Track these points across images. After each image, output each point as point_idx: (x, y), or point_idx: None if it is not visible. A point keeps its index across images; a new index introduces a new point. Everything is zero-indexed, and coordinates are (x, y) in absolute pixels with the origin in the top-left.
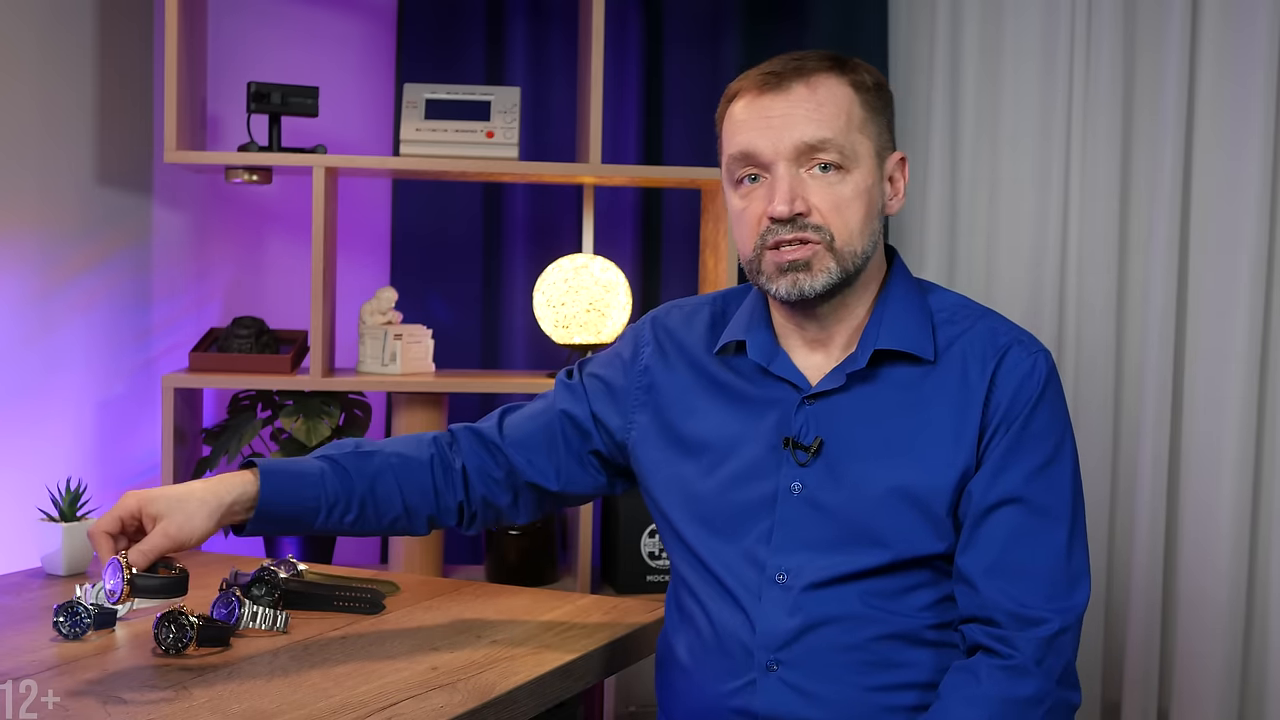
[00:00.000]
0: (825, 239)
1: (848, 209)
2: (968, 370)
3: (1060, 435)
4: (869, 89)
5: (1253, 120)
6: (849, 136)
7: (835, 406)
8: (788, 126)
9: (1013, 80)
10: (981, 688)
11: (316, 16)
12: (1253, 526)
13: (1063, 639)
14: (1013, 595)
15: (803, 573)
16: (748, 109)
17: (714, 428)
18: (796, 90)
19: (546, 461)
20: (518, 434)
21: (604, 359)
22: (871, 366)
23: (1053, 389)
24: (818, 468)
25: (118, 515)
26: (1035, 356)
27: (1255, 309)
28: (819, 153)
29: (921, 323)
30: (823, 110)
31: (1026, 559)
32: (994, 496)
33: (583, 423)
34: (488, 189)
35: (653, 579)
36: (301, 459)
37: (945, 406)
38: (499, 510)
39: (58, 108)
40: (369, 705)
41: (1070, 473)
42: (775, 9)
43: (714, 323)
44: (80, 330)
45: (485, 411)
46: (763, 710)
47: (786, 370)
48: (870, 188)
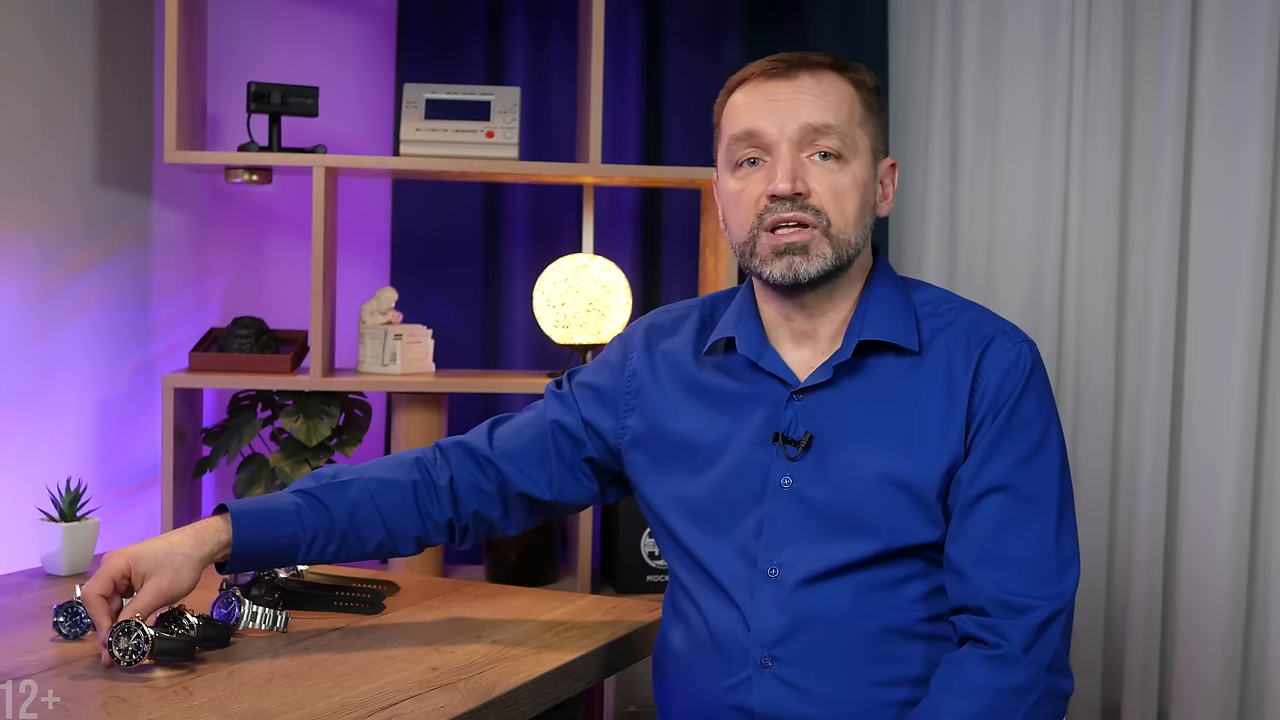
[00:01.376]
0: (822, 223)
1: (845, 197)
2: (952, 361)
3: (1046, 423)
4: (869, 90)
5: (1253, 120)
6: (851, 128)
7: (824, 400)
8: (793, 109)
9: (1012, 80)
10: (971, 678)
11: (316, 16)
12: (1252, 526)
13: (1052, 626)
14: (1001, 583)
15: (794, 567)
16: (753, 93)
17: (703, 429)
18: (803, 78)
19: (539, 472)
20: (508, 445)
21: (593, 367)
22: (858, 359)
23: (1037, 378)
24: (807, 462)
25: (109, 577)
26: (1020, 347)
27: (1255, 308)
28: (822, 138)
29: (905, 315)
30: (827, 99)
31: (1014, 547)
32: (981, 485)
33: (574, 431)
34: (488, 189)
35: (653, 579)
36: (276, 495)
37: (932, 398)
38: (490, 523)
39: (58, 108)
40: (369, 705)
41: (1057, 460)
42: (775, 9)
43: (703, 325)
44: (80, 330)
45: (485, 412)
46: (758, 707)
47: (775, 365)
48: (866, 181)
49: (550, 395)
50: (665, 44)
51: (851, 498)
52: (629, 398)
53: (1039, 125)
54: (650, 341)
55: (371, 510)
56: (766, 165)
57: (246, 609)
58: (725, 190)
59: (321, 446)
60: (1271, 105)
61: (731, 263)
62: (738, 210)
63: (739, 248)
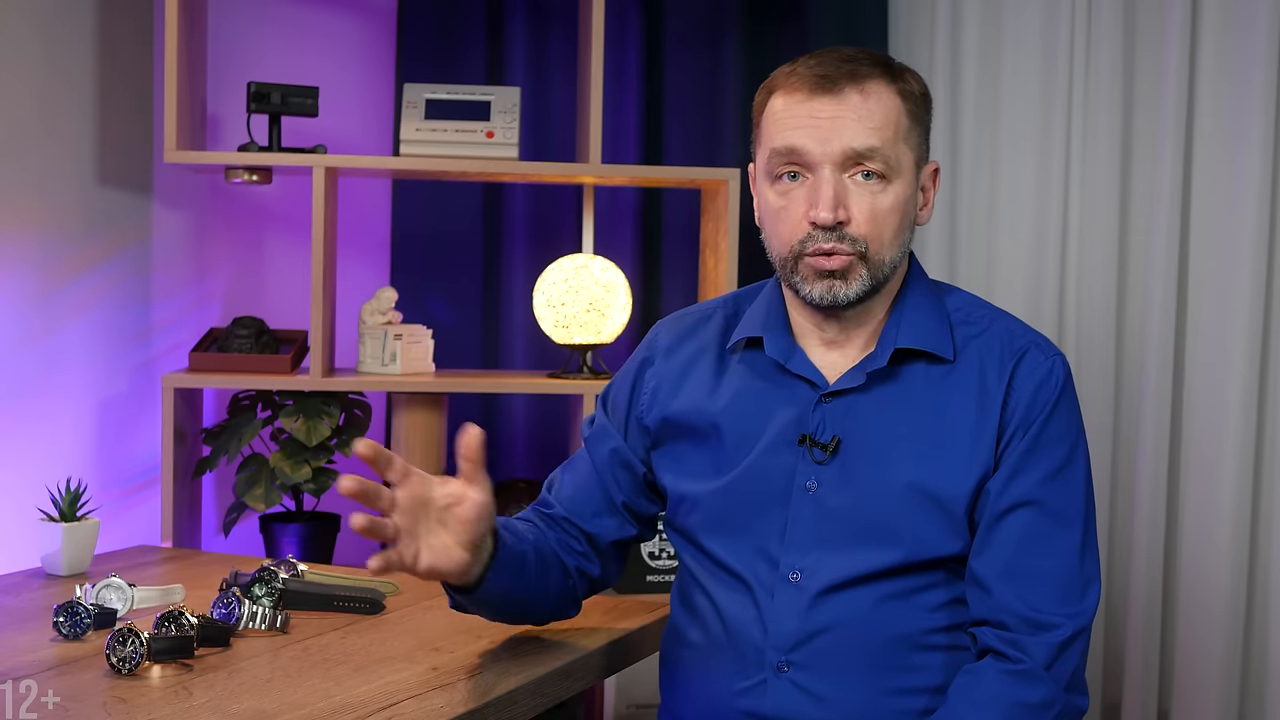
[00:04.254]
0: (860, 249)
1: (885, 220)
2: (985, 372)
3: (1075, 440)
4: (915, 98)
5: (1253, 120)
6: (895, 147)
7: (854, 405)
8: (837, 131)
9: (1012, 80)
10: (991, 691)
11: (316, 16)
12: (1253, 526)
13: (1073, 645)
14: (1025, 599)
15: (817, 573)
16: (797, 106)
17: (727, 428)
18: (849, 95)
19: (613, 518)
20: (577, 505)
21: (617, 379)
22: (890, 365)
23: (1068, 394)
24: (834, 466)
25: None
26: (1052, 360)
27: (1255, 308)
28: (865, 161)
29: (940, 322)
30: (873, 118)
31: (1040, 563)
32: (1009, 500)
33: (622, 454)
34: (488, 189)
35: (653, 579)
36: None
37: (964, 408)
38: (592, 580)
39: (58, 108)
40: (369, 705)
41: (1084, 477)
42: (775, 9)
43: (728, 324)
44: (80, 330)
45: (485, 412)
46: (772, 712)
47: (803, 368)
48: (908, 199)
49: (593, 437)
50: (665, 44)
51: (877, 505)
52: (650, 396)
53: (1039, 125)
54: (671, 345)
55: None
56: (808, 183)
57: (246, 609)
58: (765, 201)
59: (321, 446)
60: (1271, 106)
61: (732, 263)
62: (778, 226)
63: (779, 262)
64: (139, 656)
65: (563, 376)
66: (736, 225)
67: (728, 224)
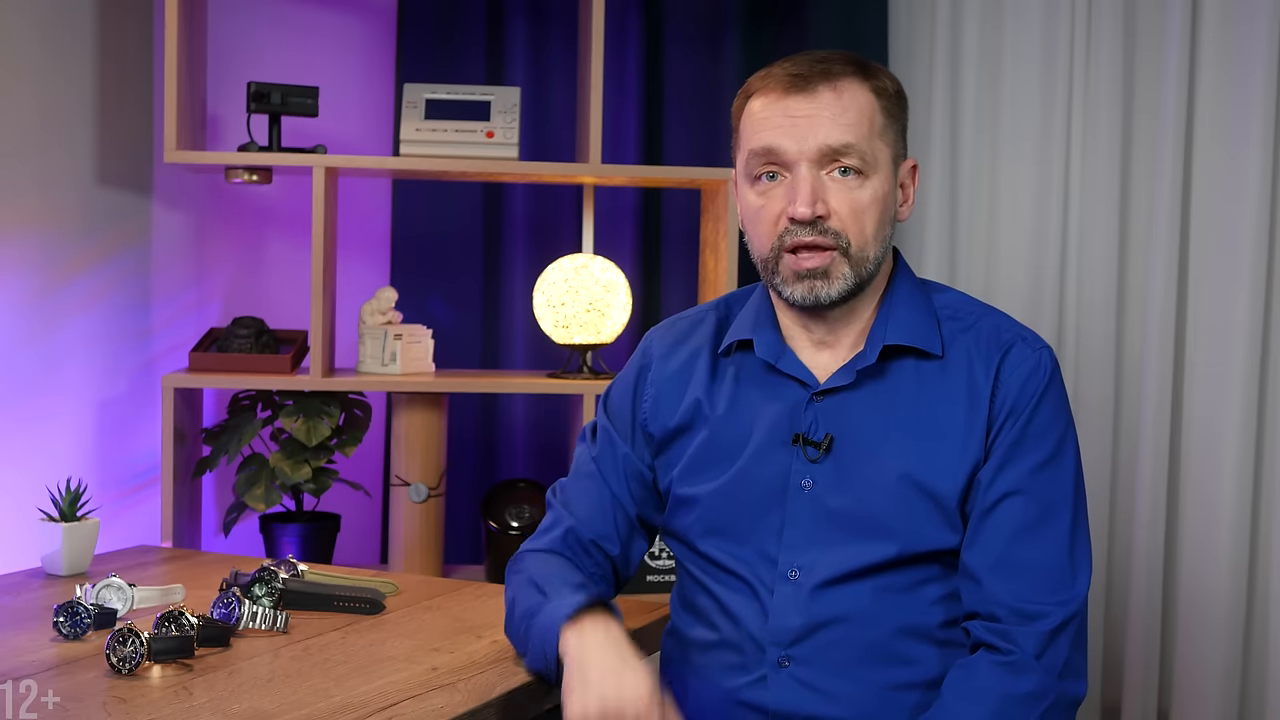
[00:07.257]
0: (842, 244)
1: (865, 215)
2: (974, 366)
3: (1063, 430)
4: (890, 96)
5: (1253, 120)
6: (870, 143)
7: (845, 403)
8: (813, 128)
9: (1012, 80)
10: (983, 683)
11: (316, 16)
12: (1253, 526)
13: (1063, 632)
14: (1014, 591)
15: (815, 569)
16: (771, 107)
17: (722, 430)
18: (822, 93)
19: (632, 539)
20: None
21: (616, 389)
22: (879, 362)
23: (1055, 385)
24: (828, 464)
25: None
26: (1039, 353)
27: (1255, 308)
28: (842, 157)
29: (927, 318)
30: (847, 115)
31: (1029, 555)
32: (998, 490)
33: (631, 462)
34: (488, 189)
35: (653, 579)
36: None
37: (954, 402)
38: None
39: (58, 108)
40: (369, 705)
41: (1073, 467)
42: (775, 9)
43: (720, 327)
44: (80, 330)
45: (485, 411)
46: (774, 706)
47: (794, 368)
48: (886, 194)
49: (601, 459)
50: (665, 44)
51: (871, 500)
52: (652, 407)
53: (1039, 125)
54: (666, 351)
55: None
56: (786, 182)
57: (246, 609)
58: (746, 202)
59: (321, 446)
60: (1271, 106)
61: (732, 263)
62: (758, 225)
63: (760, 263)
64: (139, 656)
65: (563, 376)
66: (736, 225)
67: (728, 224)
